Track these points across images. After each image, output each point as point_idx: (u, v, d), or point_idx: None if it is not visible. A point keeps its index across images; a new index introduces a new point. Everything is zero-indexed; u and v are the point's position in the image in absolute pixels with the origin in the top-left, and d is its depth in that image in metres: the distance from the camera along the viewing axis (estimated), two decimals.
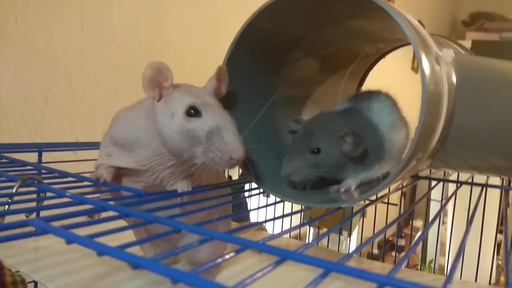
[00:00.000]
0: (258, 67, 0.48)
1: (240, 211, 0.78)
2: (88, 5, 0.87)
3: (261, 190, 0.44)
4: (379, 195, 0.45)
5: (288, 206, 0.78)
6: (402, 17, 0.34)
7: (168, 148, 0.38)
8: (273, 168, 0.45)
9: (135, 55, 0.96)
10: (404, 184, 0.61)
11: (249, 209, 0.86)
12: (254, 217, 0.94)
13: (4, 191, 0.35)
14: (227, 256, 0.23)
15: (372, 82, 0.69)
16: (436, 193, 1.34)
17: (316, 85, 0.57)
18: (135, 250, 0.51)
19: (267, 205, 0.41)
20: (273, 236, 0.30)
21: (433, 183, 0.62)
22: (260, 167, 0.43)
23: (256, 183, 0.43)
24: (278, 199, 0.42)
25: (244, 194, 0.52)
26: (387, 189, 0.46)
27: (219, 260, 0.23)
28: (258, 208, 0.41)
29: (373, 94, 0.47)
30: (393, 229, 2.71)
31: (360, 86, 0.67)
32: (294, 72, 0.52)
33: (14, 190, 0.34)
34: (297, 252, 0.24)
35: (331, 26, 0.48)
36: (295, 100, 0.55)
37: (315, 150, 0.41)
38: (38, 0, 0.78)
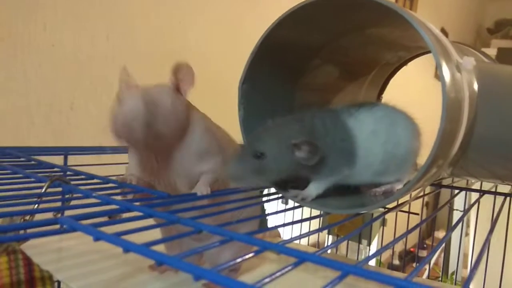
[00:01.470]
0: (277, 74, 0.49)
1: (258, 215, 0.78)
2: (113, 15, 0.90)
3: (279, 195, 0.44)
4: (400, 202, 0.45)
5: (307, 213, 0.78)
6: (422, 24, 0.35)
7: None
8: None
9: (157, 64, 0.99)
10: (425, 192, 0.61)
11: (266, 214, 0.86)
12: (272, 222, 0.95)
13: (33, 191, 0.37)
14: (247, 256, 0.24)
15: (395, 89, 0.69)
16: (459, 204, 1.31)
17: (335, 92, 0.57)
18: (159, 249, 0.52)
19: (286, 210, 0.41)
20: (291, 240, 0.30)
21: (456, 192, 0.61)
22: None
23: (276, 189, 0.44)
24: (296, 204, 0.42)
25: (262, 199, 0.53)
26: (408, 196, 0.46)
27: (239, 260, 0.23)
28: (277, 212, 0.41)
29: (367, 103, 0.45)
30: (414, 240, 2.66)
31: (381, 93, 0.67)
32: (313, 79, 0.53)
33: (43, 190, 0.36)
34: (315, 254, 0.24)
35: (352, 34, 0.49)
36: (314, 106, 0.55)
37: (259, 154, 0.38)
38: (66, 10, 0.81)
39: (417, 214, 0.84)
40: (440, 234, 2.25)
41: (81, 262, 0.55)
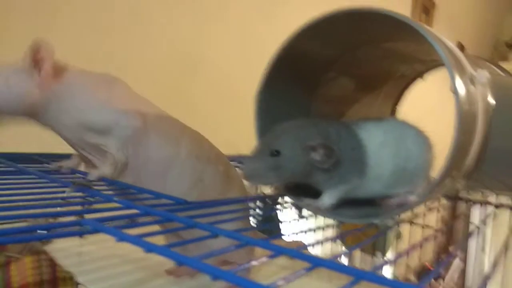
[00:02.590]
0: (294, 85, 0.50)
1: (271, 223, 0.79)
2: (132, 25, 0.93)
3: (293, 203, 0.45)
4: (414, 214, 0.45)
5: (321, 224, 0.78)
6: (436, 38, 0.35)
7: None
8: None
9: (175, 70, 1.01)
10: (442, 206, 0.60)
11: (280, 222, 0.86)
12: (286, 231, 0.95)
13: (58, 195, 0.38)
14: (262, 259, 0.24)
15: (410, 102, 0.69)
16: (476, 219, 1.29)
17: (350, 104, 0.58)
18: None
19: (299, 218, 0.42)
20: (305, 247, 0.31)
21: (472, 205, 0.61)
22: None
23: (290, 198, 0.45)
24: (310, 213, 0.42)
25: (275, 207, 0.53)
26: (422, 208, 0.46)
27: (254, 262, 0.24)
28: (290, 221, 0.42)
29: (377, 117, 0.46)
30: (430, 255, 2.62)
31: (396, 105, 0.67)
32: (328, 91, 0.54)
33: (66, 194, 0.37)
34: (328, 260, 0.25)
35: (367, 47, 0.49)
36: (329, 117, 0.56)
37: (275, 153, 0.39)
38: (84, 20, 0.84)
39: (432, 227, 0.83)
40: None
41: (101, 266, 0.57)
